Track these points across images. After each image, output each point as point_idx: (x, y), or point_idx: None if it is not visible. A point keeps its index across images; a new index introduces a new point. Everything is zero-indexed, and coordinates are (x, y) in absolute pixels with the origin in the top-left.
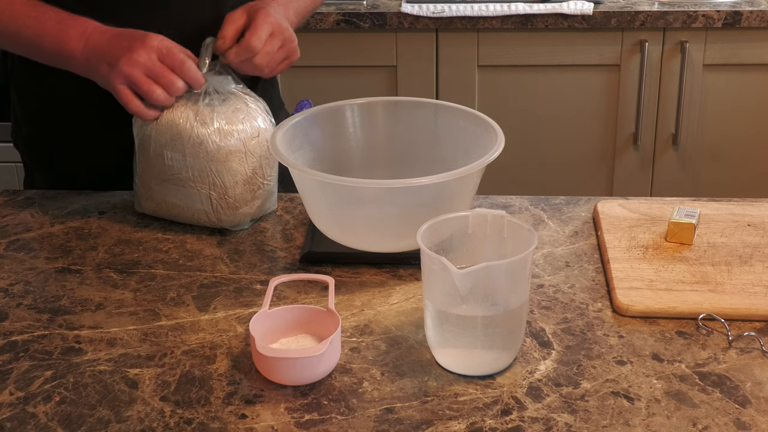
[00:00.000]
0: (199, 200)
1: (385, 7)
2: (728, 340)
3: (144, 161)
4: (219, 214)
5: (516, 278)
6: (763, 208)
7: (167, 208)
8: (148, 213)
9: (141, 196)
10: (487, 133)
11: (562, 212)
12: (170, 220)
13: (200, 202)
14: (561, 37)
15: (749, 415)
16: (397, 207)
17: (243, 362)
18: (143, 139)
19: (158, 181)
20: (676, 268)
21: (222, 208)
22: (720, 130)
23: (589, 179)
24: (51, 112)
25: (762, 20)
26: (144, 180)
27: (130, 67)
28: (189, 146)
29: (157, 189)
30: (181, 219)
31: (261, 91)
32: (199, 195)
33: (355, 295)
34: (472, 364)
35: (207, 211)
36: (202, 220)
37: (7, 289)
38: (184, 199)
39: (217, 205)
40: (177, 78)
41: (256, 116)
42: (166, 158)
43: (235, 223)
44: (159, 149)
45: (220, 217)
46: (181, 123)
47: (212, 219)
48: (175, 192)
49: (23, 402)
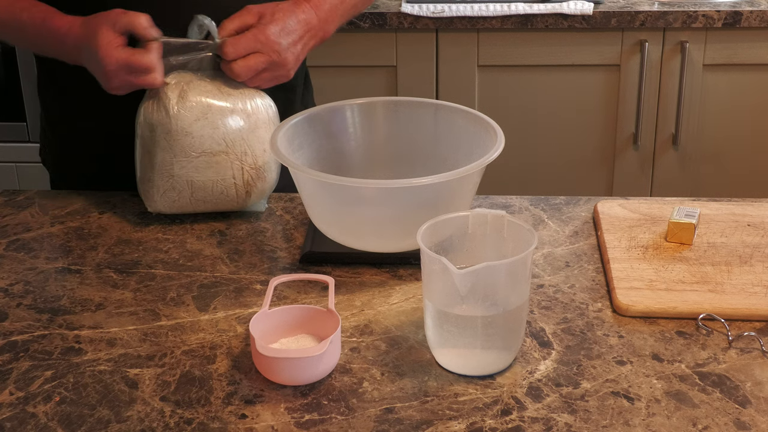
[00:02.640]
0: (231, 172)
1: (385, 7)
2: (728, 340)
3: (163, 149)
4: (249, 186)
5: (516, 278)
6: (763, 208)
7: (191, 193)
8: (164, 211)
9: (157, 191)
10: (487, 133)
11: (562, 212)
12: (174, 220)
13: (232, 175)
14: (561, 37)
15: (749, 415)
16: (397, 207)
17: (243, 362)
18: (161, 124)
19: (183, 163)
20: (676, 268)
21: (252, 179)
22: (720, 130)
23: (589, 179)
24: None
25: (762, 20)
26: (163, 170)
27: (115, 90)
28: (219, 116)
29: (181, 174)
30: (204, 204)
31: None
32: (231, 166)
33: (355, 295)
34: (472, 364)
35: (237, 184)
36: (230, 196)
37: (7, 289)
38: (215, 175)
39: (248, 176)
40: (153, 77)
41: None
42: (194, 133)
43: (261, 196)
44: (187, 125)
45: (250, 188)
46: (207, 96)
47: (240, 194)
48: (205, 169)
49: (23, 402)
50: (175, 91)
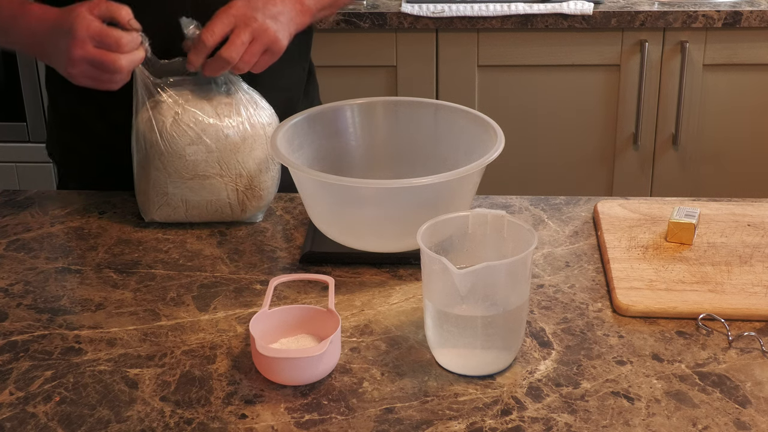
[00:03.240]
0: (225, 193)
1: (385, 7)
2: (728, 340)
3: (157, 168)
4: (244, 205)
5: (516, 278)
6: (763, 208)
7: (186, 210)
8: (160, 221)
9: (153, 205)
10: (487, 133)
11: (562, 212)
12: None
13: (226, 195)
14: (561, 37)
15: (749, 415)
16: (397, 207)
17: (243, 362)
18: (154, 144)
19: (177, 183)
20: (676, 268)
21: (248, 198)
22: (720, 130)
23: (589, 179)
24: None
25: (762, 20)
26: (157, 187)
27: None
28: (214, 140)
29: (176, 192)
30: (200, 219)
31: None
32: (225, 188)
33: (355, 295)
34: (472, 364)
35: (232, 203)
36: (225, 214)
37: (7, 289)
38: (209, 195)
39: (242, 196)
40: (117, 56)
41: (259, 100)
42: (188, 157)
43: (258, 211)
44: (180, 149)
45: (245, 207)
46: (202, 118)
47: (236, 211)
48: (199, 190)
49: (23, 402)
50: (170, 112)
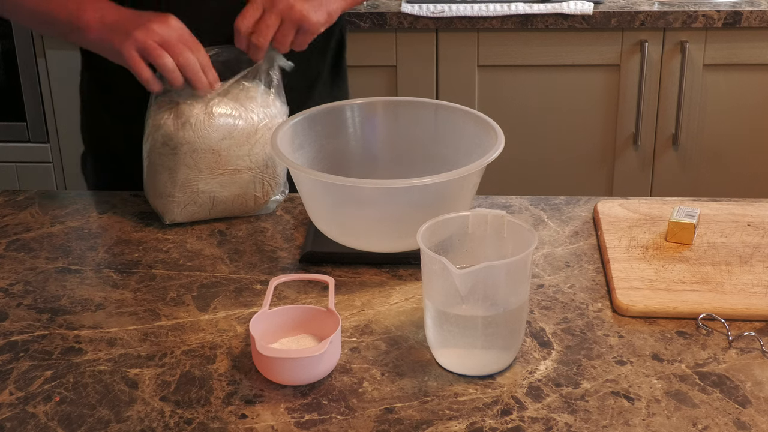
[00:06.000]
0: (252, 186)
1: (385, 7)
2: (728, 340)
3: (188, 166)
4: (268, 195)
5: (516, 278)
6: (763, 208)
7: (212, 206)
8: (182, 221)
9: (178, 205)
10: (487, 133)
11: (562, 212)
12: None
13: (253, 188)
14: (561, 37)
15: (749, 415)
16: (397, 207)
17: (243, 362)
18: (185, 142)
19: (209, 180)
20: (676, 268)
21: (272, 188)
22: (720, 130)
23: (589, 179)
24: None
25: (762, 20)
26: (186, 186)
27: (145, 35)
28: (245, 134)
29: (205, 189)
30: (223, 214)
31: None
32: (253, 180)
33: (355, 295)
34: (472, 364)
35: (257, 195)
36: (248, 207)
37: (7, 289)
38: (238, 189)
39: (267, 187)
40: (190, 53)
41: (278, 93)
42: (222, 152)
43: (274, 201)
44: (215, 144)
45: (268, 197)
46: (233, 112)
47: (259, 203)
48: (229, 185)
49: (23, 402)
50: (201, 108)
